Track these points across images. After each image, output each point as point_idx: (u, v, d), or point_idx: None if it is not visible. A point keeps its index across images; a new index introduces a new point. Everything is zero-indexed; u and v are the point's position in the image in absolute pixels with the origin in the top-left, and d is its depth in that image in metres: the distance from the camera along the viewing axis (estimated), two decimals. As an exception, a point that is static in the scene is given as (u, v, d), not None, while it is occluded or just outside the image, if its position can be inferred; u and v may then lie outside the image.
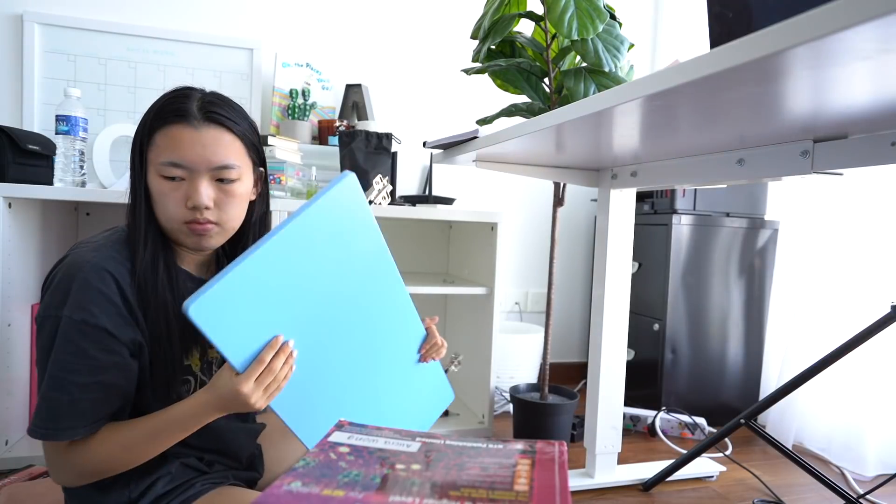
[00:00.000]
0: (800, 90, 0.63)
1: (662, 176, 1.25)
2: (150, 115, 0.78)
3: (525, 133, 0.98)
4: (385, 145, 1.69)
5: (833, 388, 1.72)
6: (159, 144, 0.76)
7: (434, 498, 0.46)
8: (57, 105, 1.47)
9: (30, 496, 1.09)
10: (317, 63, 2.06)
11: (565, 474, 0.52)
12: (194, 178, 0.77)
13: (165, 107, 0.77)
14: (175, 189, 0.77)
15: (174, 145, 0.76)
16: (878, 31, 0.42)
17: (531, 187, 2.39)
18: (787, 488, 1.50)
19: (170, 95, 0.79)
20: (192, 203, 0.76)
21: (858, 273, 1.67)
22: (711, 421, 1.94)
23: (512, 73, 1.60)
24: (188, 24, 1.95)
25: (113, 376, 0.73)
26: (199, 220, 0.78)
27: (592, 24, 1.32)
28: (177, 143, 0.76)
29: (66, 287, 0.72)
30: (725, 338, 2.02)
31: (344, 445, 0.59)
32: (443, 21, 2.23)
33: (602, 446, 1.44)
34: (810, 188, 1.82)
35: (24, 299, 1.45)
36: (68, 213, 1.76)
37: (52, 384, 0.71)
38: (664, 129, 0.91)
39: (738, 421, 1.34)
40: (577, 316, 2.53)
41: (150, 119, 0.77)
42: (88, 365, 0.71)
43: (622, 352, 1.44)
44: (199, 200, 0.76)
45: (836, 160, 0.90)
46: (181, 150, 0.76)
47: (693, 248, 1.98)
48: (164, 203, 0.77)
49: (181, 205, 0.77)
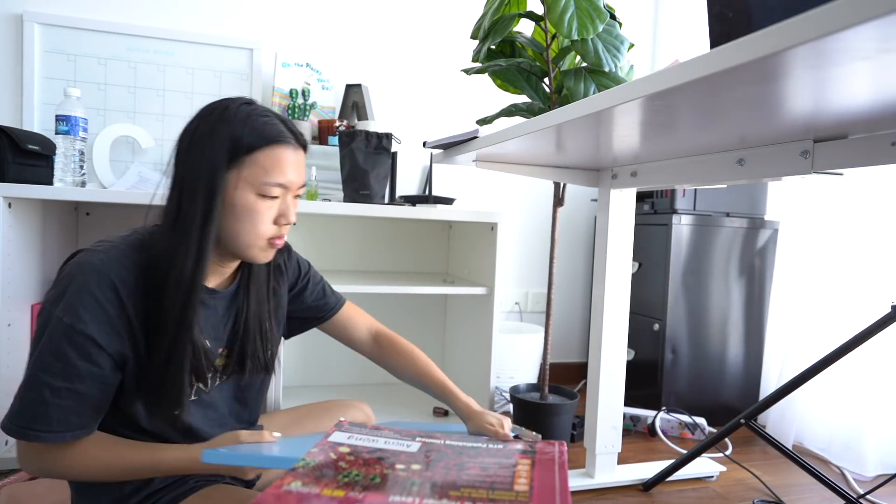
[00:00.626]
0: (800, 90, 0.63)
1: (662, 176, 1.25)
2: (241, 132, 0.77)
3: (525, 133, 0.98)
4: (385, 145, 1.68)
5: (833, 388, 1.71)
6: (263, 164, 0.78)
7: (434, 498, 0.46)
8: (57, 105, 1.47)
9: (30, 496, 1.09)
10: (317, 63, 2.05)
11: (565, 474, 0.52)
12: (286, 196, 0.82)
13: (265, 128, 0.78)
14: (270, 207, 0.80)
15: (281, 167, 0.79)
16: (878, 31, 0.42)
17: (531, 187, 2.39)
18: (787, 488, 1.50)
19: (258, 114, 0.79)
20: (286, 220, 0.82)
21: (858, 273, 1.67)
22: (711, 421, 1.94)
23: (512, 73, 1.60)
24: (188, 24, 1.95)
25: (89, 386, 0.73)
26: (281, 234, 0.83)
27: (592, 24, 1.32)
28: (284, 165, 0.79)
29: (65, 286, 0.72)
30: (725, 338, 2.02)
31: (344, 445, 0.59)
32: (443, 21, 2.23)
33: (602, 446, 1.44)
34: (810, 188, 1.82)
35: (24, 299, 1.45)
36: (68, 213, 1.76)
37: (27, 381, 0.71)
38: (664, 129, 0.91)
39: (738, 421, 1.34)
40: (577, 316, 2.53)
41: (247, 137, 0.77)
42: (66, 370, 0.71)
43: (622, 352, 1.44)
44: (292, 218, 0.82)
45: (836, 160, 0.90)
46: (287, 171, 0.80)
47: (693, 248, 1.98)
48: (255, 220, 0.79)
49: (271, 221, 0.81)
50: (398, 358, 1.09)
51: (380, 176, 1.68)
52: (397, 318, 2.11)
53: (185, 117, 1.91)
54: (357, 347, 1.13)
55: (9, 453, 1.37)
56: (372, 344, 1.12)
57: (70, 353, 0.71)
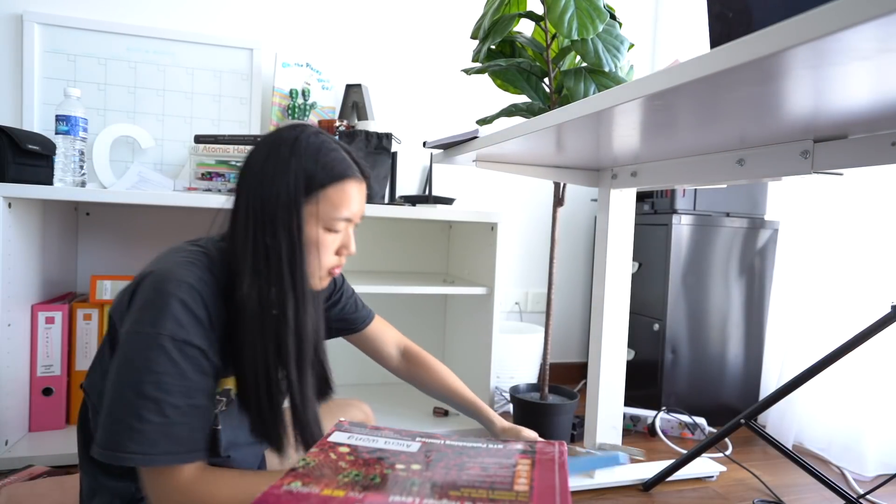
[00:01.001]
0: (800, 90, 0.63)
1: (662, 176, 1.25)
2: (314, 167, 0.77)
3: (525, 133, 0.98)
4: (385, 145, 1.69)
5: (833, 389, 1.71)
6: (333, 200, 0.78)
7: (434, 498, 0.46)
8: (57, 105, 1.47)
9: (30, 496, 1.09)
10: (317, 63, 2.05)
11: (565, 474, 0.52)
12: (348, 228, 0.83)
13: (336, 163, 0.79)
14: (334, 240, 0.81)
15: (349, 201, 0.79)
16: (878, 31, 0.42)
17: (531, 187, 2.39)
18: (787, 488, 1.50)
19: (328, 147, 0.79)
20: (349, 251, 0.83)
21: (858, 273, 1.67)
22: (711, 421, 1.94)
23: (512, 73, 1.60)
24: (188, 24, 1.95)
25: (205, 399, 0.72)
26: (341, 264, 0.84)
27: (592, 24, 1.32)
28: (351, 199, 0.80)
29: (164, 304, 0.69)
30: (725, 338, 2.02)
31: (344, 445, 0.59)
32: (443, 21, 2.23)
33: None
34: (810, 188, 1.82)
35: (24, 299, 1.45)
36: (68, 213, 1.76)
37: (142, 404, 0.67)
38: (664, 129, 0.91)
39: (738, 421, 1.34)
40: (577, 316, 2.53)
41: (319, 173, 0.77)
42: (185, 386, 0.70)
43: (622, 352, 1.44)
44: (353, 249, 0.84)
45: (836, 160, 0.90)
46: (354, 205, 0.80)
47: (693, 248, 1.98)
48: (322, 253, 0.80)
49: (333, 253, 0.82)
50: (428, 374, 1.11)
51: (380, 176, 1.68)
52: (397, 318, 2.11)
53: (185, 117, 1.93)
54: (384, 362, 1.14)
55: (9, 453, 1.37)
56: (400, 360, 1.14)
57: (187, 369, 0.70)
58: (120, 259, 1.86)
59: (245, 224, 0.76)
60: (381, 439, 0.61)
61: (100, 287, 1.56)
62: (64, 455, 1.38)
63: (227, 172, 1.54)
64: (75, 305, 1.56)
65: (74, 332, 1.56)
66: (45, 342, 1.49)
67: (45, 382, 1.50)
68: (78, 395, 1.57)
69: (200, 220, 1.90)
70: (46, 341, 1.49)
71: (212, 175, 1.54)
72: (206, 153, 1.53)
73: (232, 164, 1.53)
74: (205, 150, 1.53)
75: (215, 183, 1.54)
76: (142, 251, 1.87)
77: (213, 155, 1.53)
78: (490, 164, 1.40)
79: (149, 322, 0.69)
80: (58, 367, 1.51)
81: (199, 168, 1.54)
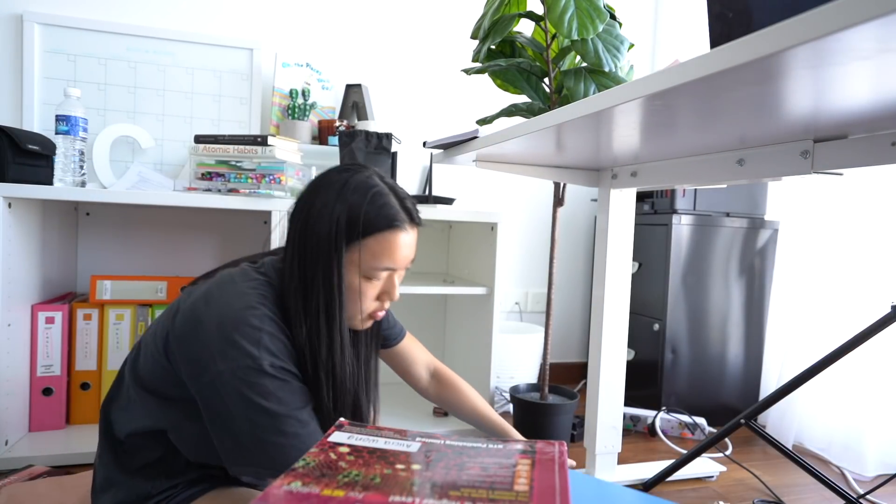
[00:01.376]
0: (800, 90, 0.63)
1: (662, 176, 1.25)
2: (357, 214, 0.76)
3: (525, 133, 0.98)
4: (385, 145, 1.68)
5: (833, 389, 1.71)
6: (373, 250, 0.77)
7: (434, 498, 0.46)
8: (57, 105, 1.47)
9: (30, 496, 1.09)
10: (317, 63, 2.05)
11: (565, 474, 0.52)
12: (392, 275, 0.81)
13: (381, 212, 0.77)
14: (374, 287, 0.80)
15: (392, 252, 0.78)
16: (878, 31, 0.42)
17: (531, 187, 2.39)
18: (787, 488, 1.50)
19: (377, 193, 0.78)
20: (390, 298, 0.81)
21: (858, 273, 1.67)
22: (711, 421, 1.94)
23: (512, 73, 1.60)
24: (188, 24, 1.95)
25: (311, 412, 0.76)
26: (383, 308, 0.83)
27: (592, 24, 1.32)
28: (393, 250, 0.78)
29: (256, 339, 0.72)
30: (725, 338, 2.02)
31: (344, 445, 0.59)
32: (443, 21, 2.23)
33: (602, 446, 1.44)
34: (810, 188, 1.82)
35: (24, 299, 1.45)
36: (68, 213, 1.76)
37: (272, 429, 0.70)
38: (664, 129, 0.91)
39: (738, 421, 1.34)
40: (577, 316, 2.53)
41: (362, 221, 0.76)
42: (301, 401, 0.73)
43: (622, 352, 1.44)
44: (396, 296, 0.81)
45: (836, 160, 0.90)
46: (396, 255, 0.78)
47: (693, 248, 1.98)
48: (361, 300, 0.79)
49: (373, 299, 0.81)
50: (458, 397, 1.11)
51: (380, 176, 1.68)
52: (397, 318, 2.11)
53: (185, 117, 1.93)
54: (413, 382, 1.14)
55: (9, 453, 1.37)
56: (429, 380, 1.14)
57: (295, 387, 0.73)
58: (120, 259, 1.86)
59: (292, 260, 0.78)
60: (381, 439, 0.61)
61: (100, 287, 1.56)
62: (64, 455, 1.38)
63: (227, 172, 1.54)
64: (75, 305, 1.56)
65: (74, 332, 1.56)
66: (45, 342, 1.49)
67: (45, 382, 1.50)
68: (78, 394, 1.57)
69: (200, 220, 1.90)
70: (46, 341, 1.49)
71: (212, 175, 1.54)
72: (206, 153, 1.53)
73: (232, 164, 1.53)
74: (205, 150, 1.53)
75: (215, 183, 1.54)
76: (142, 251, 1.87)
77: (213, 155, 1.53)
78: (490, 164, 1.40)
79: (247, 355, 0.71)
80: (58, 367, 1.51)
81: (199, 168, 1.54)
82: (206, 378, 0.72)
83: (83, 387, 1.58)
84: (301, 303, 0.77)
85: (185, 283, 1.60)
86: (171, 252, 1.89)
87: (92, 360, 1.58)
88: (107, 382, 1.59)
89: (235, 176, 1.53)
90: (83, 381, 1.57)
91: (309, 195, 0.79)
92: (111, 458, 0.83)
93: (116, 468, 0.82)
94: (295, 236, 0.79)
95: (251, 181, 1.53)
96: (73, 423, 1.57)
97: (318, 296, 0.77)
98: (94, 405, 1.59)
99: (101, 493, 0.84)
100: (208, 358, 0.72)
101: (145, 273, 1.87)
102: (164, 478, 0.82)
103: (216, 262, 1.90)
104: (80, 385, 1.57)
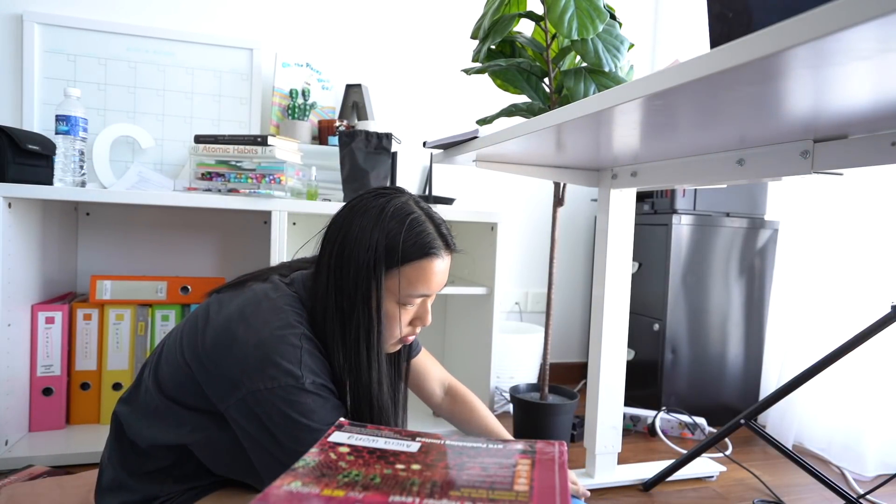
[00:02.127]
0: (800, 90, 0.63)
1: (662, 176, 1.25)
2: (395, 243, 0.77)
3: (525, 133, 0.98)
4: (385, 145, 1.68)
5: (833, 389, 1.71)
6: (409, 277, 0.77)
7: (434, 498, 0.46)
8: (57, 105, 1.47)
9: (30, 496, 1.09)
10: (317, 63, 2.05)
11: (565, 474, 0.52)
12: (426, 301, 0.82)
13: (418, 240, 0.77)
14: (408, 313, 0.81)
15: (427, 280, 0.78)
16: (878, 31, 0.42)
17: (531, 187, 2.39)
18: (787, 488, 1.50)
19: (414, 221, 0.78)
20: (423, 323, 0.82)
21: (858, 273, 1.67)
22: (711, 421, 1.94)
23: (512, 73, 1.60)
24: (188, 24, 1.95)
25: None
26: (415, 333, 0.84)
27: (592, 24, 1.32)
28: (429, 277, 0.78)
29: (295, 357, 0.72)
30: (725, 338, 2.02)
31: (344, 445, 0.59)
32: (443, 21, 2.23)
33: (602, 446, 1.44)
34: (810, 188, 1.82)
35: (24, 299, 1.45)
36: (68, 213, 1.76)
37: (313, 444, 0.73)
38: (664, 129, 0.91)
39: (738, 421, 1.34)
40: (577, 316, 2.53)
41: (400, 250, 0.77)
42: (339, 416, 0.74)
43: (622, 352, 1.44)
44: (429, 321, 0.82)
45: (836, 160, 0.90)
46: (432, 282, 0.79)
47: (693, 248, 1.98)
48: (391, 326, 0.79)
49: (406, 324, 0.82)
50: (471, 415, 1.10)
51: (380, 176, 1.68)
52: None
53: (185, 117, 1.93)
54: (427, 398, 1.13)
55: (9, 453, 1.37)
56: (443, 397, 1.13)
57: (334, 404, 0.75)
58: (120, 259, 1.86)
59: (326, 284, 0.78)
60: (381, 439, 0.61)
61: (100, 287, 1.56)
62: (64, 455, 1.39)
63: (227, 172, 1.54)
64: (75, 305, 1.56)
65: (74, 332, 1.56)
66: (44, 342, 1.49)
67: (45, 382, 1.50)
68: (78, 395, 1.57)
69: (200, 220, 1.90)
70: (46, 341, 1.49)
71: (212, 175, 1.54)
72: (206, 153, 1.53)
73: (232, 163, 1.54)
74: (205, 150, 1.53)
75: (215, 183, 1.54)
76: (142, 251, 1.87)
77: (213, 155, 1.53)
78: (490, 164, 1.40)
79: (288, 374, 0.71)
80: (58, 367, 1.51)
81: (199, 168, 1.54)
82: (238, 395, 0.72)
83: (83, 387, 1.58)
84: (339, 328, 0.78)
85: (185, 283, 1.61)
86: (171, 252, 1.89)
87: (92, 360, 1.58)
88: (107, 382, 1.59)
89: (235, 176, 1.53)
90: (83, 381, 1.58)
91: (345, 219, 0.79)
92: (121, 459, 0.83)
93: (126, 471, 0.82)
94: (330, 261, 0.78)
95: (251, 181, 1.53)
96: (73, 424, 1.57)
97: (357, 323, 0.77)
98: (94, 405, 1.59)
99: (108, 494, 0.83)
100: (241, 375, 0.72)
101: (145, 273, 1.87)
102: (175, 482, 0.82)
103: (216, 262, 1.90)
104: (80, 385, 1.57)
